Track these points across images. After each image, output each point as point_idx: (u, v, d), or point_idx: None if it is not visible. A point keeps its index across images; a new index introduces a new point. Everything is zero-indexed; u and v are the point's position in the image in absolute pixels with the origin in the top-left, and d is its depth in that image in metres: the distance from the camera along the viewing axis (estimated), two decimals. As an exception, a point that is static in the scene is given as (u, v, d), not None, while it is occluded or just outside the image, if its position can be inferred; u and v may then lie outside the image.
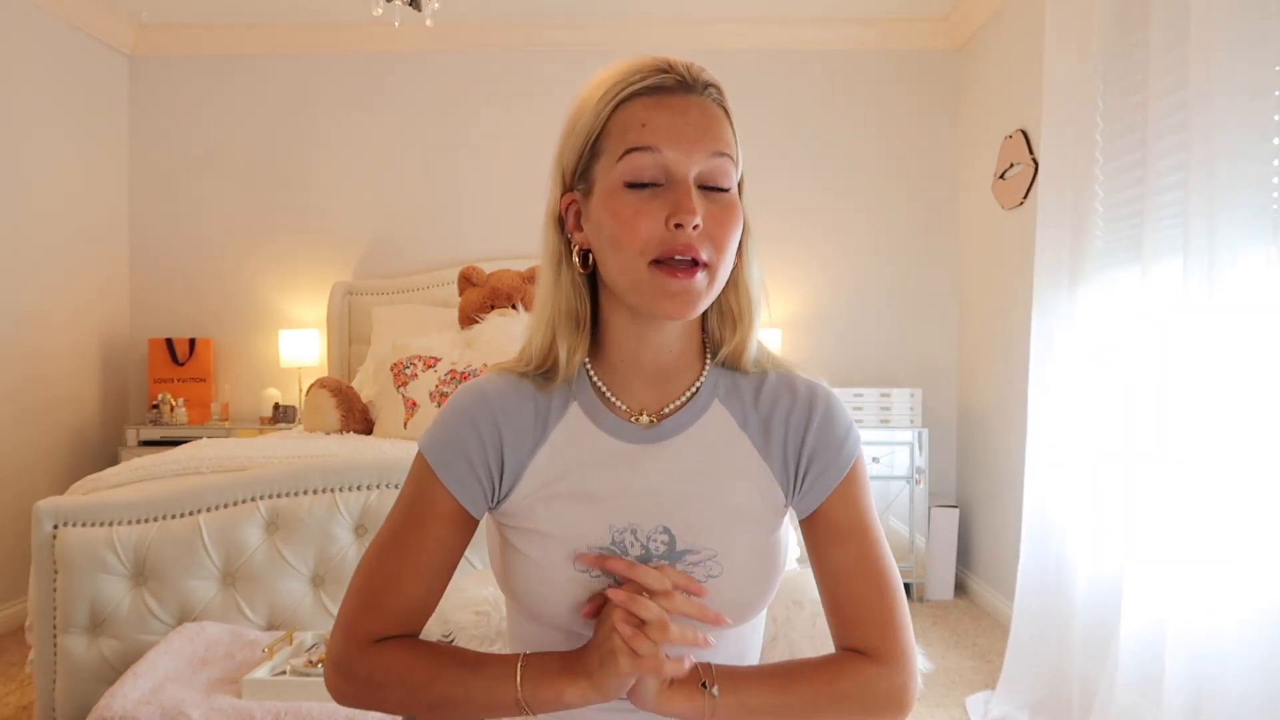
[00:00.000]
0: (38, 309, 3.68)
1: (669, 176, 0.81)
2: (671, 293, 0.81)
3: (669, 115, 0.82)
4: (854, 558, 0.89)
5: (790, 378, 0.93)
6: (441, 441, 0.88)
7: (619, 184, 0.82)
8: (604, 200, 0.83)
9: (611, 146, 0.83)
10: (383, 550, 0.88)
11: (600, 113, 0.84)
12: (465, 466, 0.87)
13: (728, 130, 0.84)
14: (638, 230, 0.81)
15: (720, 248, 0.82)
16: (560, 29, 4.18)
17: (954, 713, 2.68)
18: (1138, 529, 2.17)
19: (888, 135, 4.22)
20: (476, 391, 0.90)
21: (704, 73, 0.85)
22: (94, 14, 3.93)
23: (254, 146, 4.28)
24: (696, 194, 0.81)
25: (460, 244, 4.27)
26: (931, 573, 3.84)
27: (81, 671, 2.01)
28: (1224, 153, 1.88)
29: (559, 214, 0.90)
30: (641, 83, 0.83)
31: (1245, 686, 1.79)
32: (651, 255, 0.81)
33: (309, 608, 2.11)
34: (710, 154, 0.82)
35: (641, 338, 0.90)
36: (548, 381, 0.91)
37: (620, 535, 0.86)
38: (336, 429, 3.11)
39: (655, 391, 0.91)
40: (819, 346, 4.23)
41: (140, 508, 2.08)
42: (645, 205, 0.81)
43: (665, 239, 0.81)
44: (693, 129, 0.82)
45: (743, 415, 0.91)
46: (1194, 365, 1.97)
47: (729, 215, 0.83)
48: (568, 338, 0.90)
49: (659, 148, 0.81)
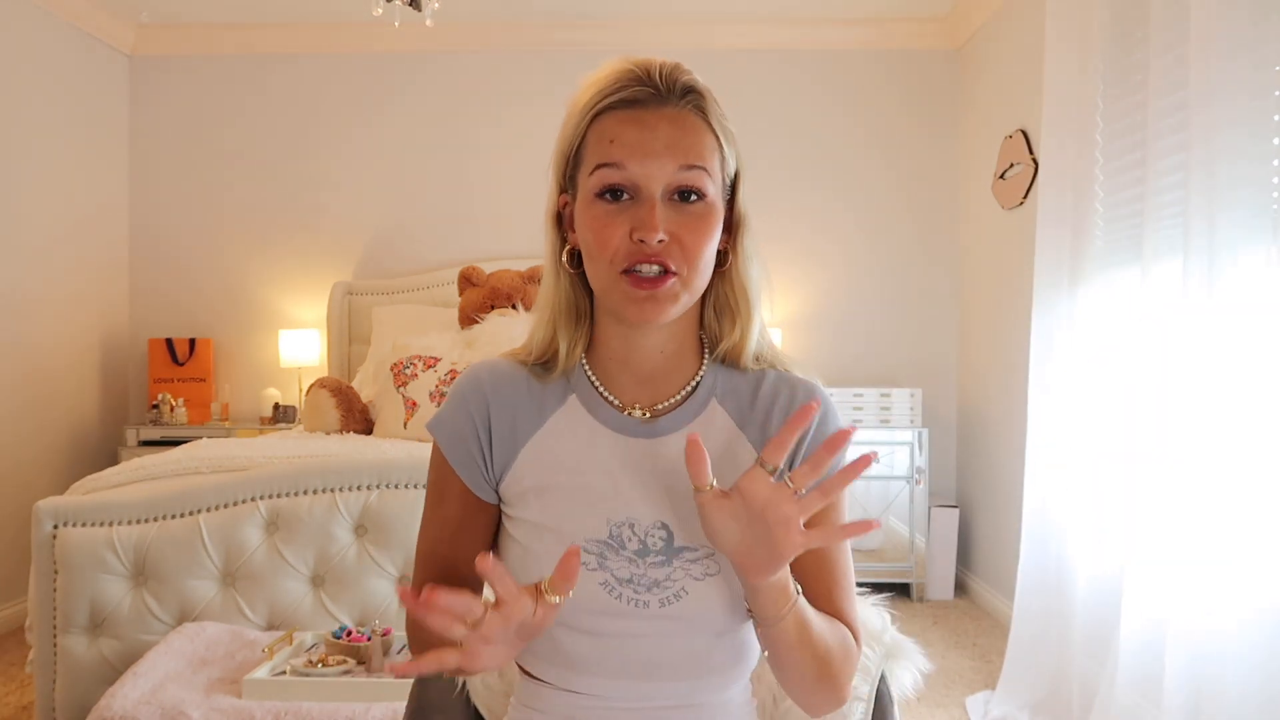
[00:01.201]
0: (38, 308, 3.68)
1: (636, 190, 0.84)
2: (638, 300, 0.83)
3: (637, 131, 0.83)
4: (829, 559, 0.91)
5: (789, 379, 0.94)
6: (444, 425, 0.93)
7: (591, 195, 0.85)
8: (581, 209, 0.87)
9: (587, 158, 0.86)
10: (424, 530, 0.95)
11: (579, 125, 0.87)
12: (464, 450, 0.91)
13: (703, 139, 0.85)
14: (607, 241, 0.83)
15: (691, 256, 0.84)
16: (560, 29, 4.18)
17: (954, 713, 2.68)
18: (1138, 529, 2.17)
19: (888, 135, 4.22)
20: (472, 375, 0.94)
21: (684, 78, 0.86)
22: (94, 14, 3.93)
23: (254, 146, 4.28)
24: (663, 207, 0.83)
25: (460, 244, 4.27)
26: (931, 573, 3.84)
27: (81, 671, 2.01)
28: (1224, 153, 1.88)
29: (557, 212, 0.92)
30: (617, 95, 0.84)
31: (1245, 686, 1.79)
32: (620, 265, 0.83)
33: (309, 608, 2.11)
34: (679, 167, 0.83)
35: (628, 339, 0.91)
36: (547, 372, 0.93)
37: (618, 529, 0.87)
38: (336, 429, 3.11)
39: (648, 389, 0.93)
40: (819, 346, 4.24)
41: (140, 508, 2.08)
42: (614, 218, 0.84)
43: (631, 250, 0.83)
44: (660, 143, 0.83)
45: (740, 414, 0.92)
46: (1194, 365, 1.97)
47: (700, 224, 0.84)
48: (568, 332, 0.92)
49: (624, 164, 0.83)
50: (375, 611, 2.11)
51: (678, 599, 0.86)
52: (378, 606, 2.12)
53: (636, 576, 0.86)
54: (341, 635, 1.91)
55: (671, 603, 0.86)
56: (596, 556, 0.86)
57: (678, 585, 0.86)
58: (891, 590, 3.78)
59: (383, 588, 2.13)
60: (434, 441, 0.93)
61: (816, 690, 0.87)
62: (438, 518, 0.93)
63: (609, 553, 0.86)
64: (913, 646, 1.08)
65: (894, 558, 3.85)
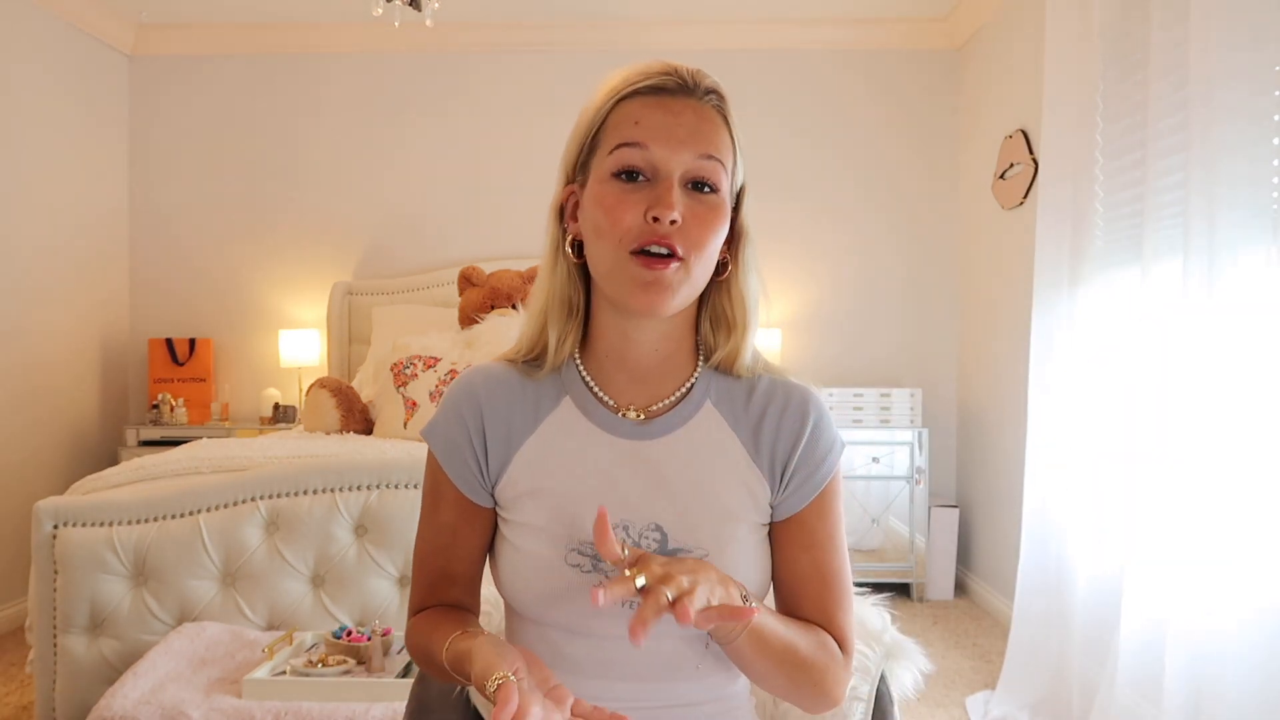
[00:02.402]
0: (37, 309, 3.68)
1: (655, 172, 0.84)
2: (644, 281, 0.83)
3: (662, 114, 0.85)
4: (823, 564, 0.91)
5: (783, 382, 0.94)
6: (437, 432, 0.93)
7: (608, 174, 0.85)
8: (594, 189, 0.87)
9: (607, 140, 0.86)
10: (420, 534, 0.96)
11: (602, 109, 0.87)
12: (458, 456, 0.91)
13: (722, 136, 0.87)
14: (620, 219, 0.84)
15: (699, 245, 0.84)
16: (561, 29, 4.18)
17: (954, 713, 2.68)
18: (1138, 529, 2.17)
19: (888, 135, 4.22)
20: (465, 381, 0.94)
21: (707, 79, 0.88)
22: (94, 14, 3.93)
23: (254, 146, 4.28)
24: (680, 192, 0.84)
25: (460, 244, 4.28)
26: (931, 573, 3.84)
27: (81, 671, 2.01)
28: (1224, 152, 1.88)
29: (561, 205, 0.93)
30: (645, 82, 0.86)
31: (1245, 686, 1.79)
32: (630, 245, 0.84)
33: (309, 608, 2.11)
34: (698, 155, 0.84)
35: (626, 334, 0.91)
36: (537, 369, 0.94)
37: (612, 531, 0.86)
38: (336, 429, 3.11)
39: (641, 389, 0.93)
40: (819, 346, 4.24)
41: (140, 508, 2.08)
42: (629, 196, 0.84)
43: (644, 230, 0.83)
44: (684, 129, 0.84)
45: (734, 417, 0.93)
46: (1194, 365, 1.97)
47: (711, 215, 0.85)
48: (558, 325, 0.92)
49: (647, 144, 0.84)
50: (375, 611, 2.11)
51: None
52: (378, 606, 2.12)
53: None
54: (341, 635, 1.91)
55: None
56: (590, 559, 0.86)
57: None
58: (891, 590, 3.78)
59: (383, 588, 2.13)
60: (429, 451, 0.94)
61: (792, 693, 0.88)
62: (434, 523, 0.94)
63: None
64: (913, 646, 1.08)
65: (894, 558, 3.85)
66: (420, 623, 0.93)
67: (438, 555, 0.94)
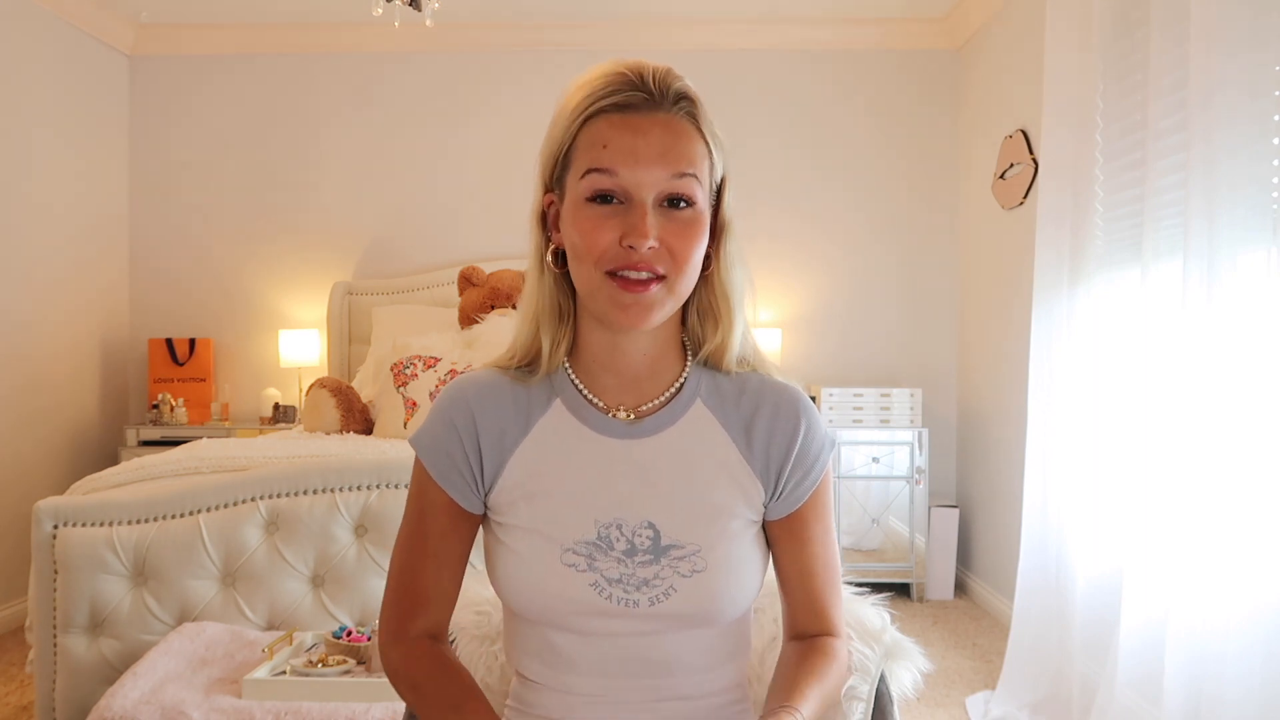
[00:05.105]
0: (37, 309, 3.68)
1: (626, 197, 0.84)
2: (624, 304, 0.84)
3: (630, 136, 0.83)
4: (818, 558, 0.93)
5: (771, 382, 0.95)
6: (427, 441, 0.92)
7: (581, 199, 0.85)
8: (570, 211, 0.86)
9: (577, 162, 0.85)
10: (399, 544, 0.94)
11: (570, 127, 0.86)
12: (449, 464, 0.91)
13: (694, 146, 0.85)
14: (595, 244, 0.83)
15: (680, 261, 0.84)
16: (559, 29, 4.18)
17: (954, 713, 2.68)
18: (1137, 529, 2.17)
19: (887, 135, 4.22)
20: (456, 390, 0.93)
21: (677, 84, 0.86)
22: (94, 14, 3.93)
23: (254, 146, 4.28)
24: (654, 213, 0.83)
25: (460, 244, 4.27)
26: (931, 573, 3.84)
27: (81, 671, 2.01)
28: (1224, 152, 1.88)
29: (542, 211, 0.92)
30: (609, 99, 0.84)
31: (1245, 686, 1.79)
32: (607, 268, 0.84)
33: (309, 608, 2.11)
34: (670, 175, 0.84)
35: (612, 342, 0.92)
36: (531, 375, 0.94)
37: (606, 530, 0.87)
38: (336, 429, 3.11)
39: (631, 391, 0.93)
40: (819, 346, 4.24)
41: (140, 508, 2.08)
42: (604, 221, 0.83)
43: (620, 255, 0.83)
44: (653, 150, 0.83)
45: (724, 415, 0.93)
46: (1193, 365, 1.97)
47: (688, 231, 0.85)
48: (551, 331, 0.93)
49: (616, 170, 0.83)
50: (375, 612, 2.11)
51: (667, 597, 0.86)
52: (378, 607, 2.11)
53: (625, 576, 0.87)
54: (341, 635, 1.92)
55: (661, 601, 0.86)
56: (585, 558, 0.87)
57: (666, 584, 0.87)
58: (891, 590, 3.78)
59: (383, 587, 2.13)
60: (416, 461, 0.93)
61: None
62: (419, 531, 0.93)
63: (597, 554, 0.87)
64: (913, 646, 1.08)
65: (894, 558, 3.85)
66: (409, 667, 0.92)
67: (418, 562, 0.92)
